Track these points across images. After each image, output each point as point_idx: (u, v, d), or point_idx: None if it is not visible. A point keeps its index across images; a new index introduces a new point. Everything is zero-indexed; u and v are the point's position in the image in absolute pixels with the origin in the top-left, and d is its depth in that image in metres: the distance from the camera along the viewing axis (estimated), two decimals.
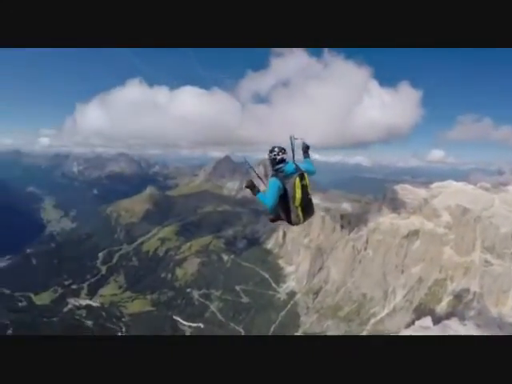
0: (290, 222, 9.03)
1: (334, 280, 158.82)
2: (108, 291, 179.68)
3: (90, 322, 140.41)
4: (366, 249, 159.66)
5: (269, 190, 8.51)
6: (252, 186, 8.59)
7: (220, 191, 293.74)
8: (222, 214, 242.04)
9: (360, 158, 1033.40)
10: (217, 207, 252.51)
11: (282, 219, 9.33)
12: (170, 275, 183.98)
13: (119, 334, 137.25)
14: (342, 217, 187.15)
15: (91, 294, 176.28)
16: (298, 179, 8.52)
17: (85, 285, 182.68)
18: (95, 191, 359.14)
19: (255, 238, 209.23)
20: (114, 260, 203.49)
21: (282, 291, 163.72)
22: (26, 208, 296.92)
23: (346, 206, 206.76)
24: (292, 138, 9.40)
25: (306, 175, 8.81)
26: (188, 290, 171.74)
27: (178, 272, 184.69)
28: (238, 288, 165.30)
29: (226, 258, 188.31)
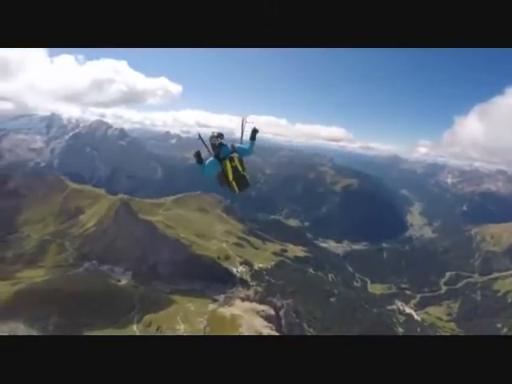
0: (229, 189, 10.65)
1: None
2: (436, 312, 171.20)
3: (400, 330, 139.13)
4: None
5: (207, 164, 10.36)
6: (199, 158, 10.28)
7: None
8: None
9: None
10: None
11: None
12: (505, 329, 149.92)
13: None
14: None
15: (419, 306, 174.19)
16: (227, 162, 10.17)
17: (418, 296, 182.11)
18: (464, 207, 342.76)
19: None
20: (459, 285, 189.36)
21: None
22: (395, 208, 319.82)
23: None
24: (244, 121, 10.92)
25: (235, 157, 10.27)
26: None
27: None
28: None
29: None
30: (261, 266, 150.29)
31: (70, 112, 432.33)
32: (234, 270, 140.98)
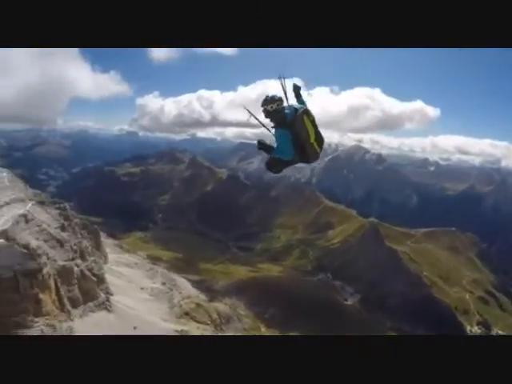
0: (307, 160, 8.12)
1: None
2: None
3: None
4: None
5: (280, 142, 7.74)
6: (265, 146, 7.96)
7: None
8: None
9: None
10: None
11: (287, 166, 8.33)
12: None
13: None
14: None
15: None
16: (305, 117, 7.66)
17: None
18: None
19: None
20: None
21: None
22: None
23: None
24: (282, 79, 8.07)
25: (308, 109, 7.84)
26: None
27: None
28: None
29: None
30: (500, 332, 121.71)
31: (329, 137, 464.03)
32: (468, 328, 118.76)
